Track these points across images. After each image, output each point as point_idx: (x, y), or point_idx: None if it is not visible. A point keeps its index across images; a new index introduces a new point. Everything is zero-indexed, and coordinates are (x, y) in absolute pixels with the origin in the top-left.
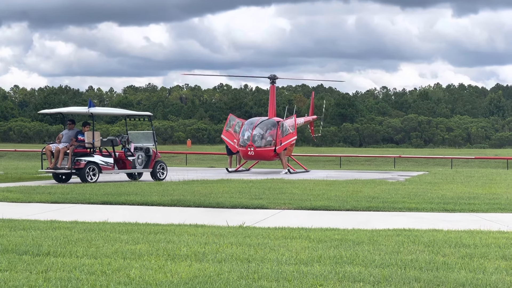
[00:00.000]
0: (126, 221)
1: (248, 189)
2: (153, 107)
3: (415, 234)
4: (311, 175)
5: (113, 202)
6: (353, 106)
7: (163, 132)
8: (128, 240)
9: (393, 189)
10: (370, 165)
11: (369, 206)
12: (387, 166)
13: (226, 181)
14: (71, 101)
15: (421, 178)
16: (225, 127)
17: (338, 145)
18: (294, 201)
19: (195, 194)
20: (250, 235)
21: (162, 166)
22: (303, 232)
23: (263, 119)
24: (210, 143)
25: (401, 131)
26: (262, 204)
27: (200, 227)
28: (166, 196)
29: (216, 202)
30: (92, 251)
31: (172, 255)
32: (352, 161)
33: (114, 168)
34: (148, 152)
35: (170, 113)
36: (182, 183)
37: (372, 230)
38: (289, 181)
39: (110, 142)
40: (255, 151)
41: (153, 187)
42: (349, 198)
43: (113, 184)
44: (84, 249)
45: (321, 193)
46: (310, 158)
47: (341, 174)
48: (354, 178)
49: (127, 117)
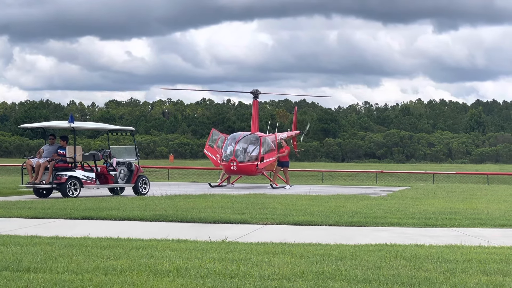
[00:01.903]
0: (107, 237)
1: (231, 204)
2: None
3: (397, 249)
4: (293, 190)
5: (94, 217)
6: (335, 121)
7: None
8: (109, 255)
9: (375, 204)
10: (353, 180)
11: (351, 221)
12: (369, 181)
13: (209, 196)
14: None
15: (403, 193)
16: (207, 142)
17: (321, 160)
18: (277, 216)
19: (177, 209)
20: (233, 250)
21: (144, 180)
22: (286, 247)
23: (246, 134)
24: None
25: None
26: (245, 219)
27: (182, 242)
28: (148, 211)
29: (198, 217)
30: (73, 266)
31: (154, 270)
32: (335, 176)
33: (95, 183)
34: (130, 167)
35: (152, 127)
36: (165, 198)
37: (354, 245)
38: (271, 196)
39: (91, 156)
40: (238, 166)
41: (135, 202)
42: (332, 213)
43: (94, 199)
44: (65, 264)
45: (304, 208)
46: (292, 173)
47: (323, 189)
48: (337, 193)
49: (109, 131)
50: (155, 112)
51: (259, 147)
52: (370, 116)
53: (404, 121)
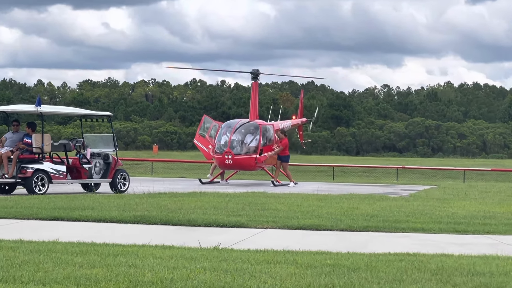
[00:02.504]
0: (80, 241)
1: (225, 204)
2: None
3: (421, 260)
4: (298, 188)
5: (65, 218)
6: (349, 108)
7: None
8: (82, 263)
9: (395, 206)
10: (369, 177)
11: (367, 226)
12: (388, 179)
13: (199, 195)
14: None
15: (428, 193)
16: (198, 131)
17: (331, 153)
18: (279, 219)
19: (162, 209)
20: (227, 259)
21: (123, 175)
22: (289, 256)
23: (244, 121)
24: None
25: (405, 138)
26: (241, 222)
27: (167, 249)
28: (128, 212)
29: (187, 219)
30: (40, 276)
31: (134, 281)
32: (348, 172)
33: (66, 178)
34: (107, 159)
35: (133, 113)
36: (147, 196)
37: (370, 254)
38: (273, 195)
39: (62, 146)
40: (234, 159)
41: (112, 200)
42: (344, 216)
43: (65, 197)
44: (31, 273)
45: (311, 210)
46: (298, 168)
47: (334, 187)
48: (350, 192)
49: (82, 117)
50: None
51: (258, 137)
52: (390, 102)
53: (431, 108)
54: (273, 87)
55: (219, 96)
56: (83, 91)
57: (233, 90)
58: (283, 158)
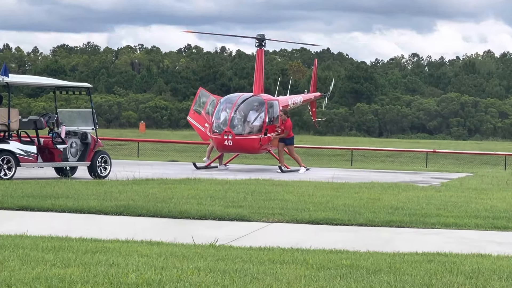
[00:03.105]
0: (52, 235)
1: (224, 193)
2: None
3: (453, 261)
4: (310, 175)
5: (35, 207)
6: (371, 80)
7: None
8: (55, 261)
9: (424, 197)
10: (393, 163)
11: (390, 221)
12: (416, 165)
13: (193, 182)
14: None
15: (463, 183)
16: (193, 106)
17: (350, 134)
18: (287, 211)
19: (149, 198)
20: (225, 258)
21: (104, 158)
22: (299, 255)
23: (247, 96)
24: (171, 128)
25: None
26: (243, 215)
27: (155, 245)
28: (109, 201)
29: (178, 211)
30: (4, 276)
31: (115, 283)
32: (369, 156)
33: (37, 160)
34: (85, 139)
35: (116, 84)
36: (132, 182)
37: (393, 254)
38: (280, 183)
39: (32, 123)
40: (234, 140)
41: (91, 187)
42: (363, 208)
43: (35, 183)
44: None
45: (325, 201)
46: (310, 151)
47: (352, 174)
48: (371, 180)
49: (56, 89)
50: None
51: (264, 115)
52: (420, 74)
53: (467, 82)
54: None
55: (218, 66)
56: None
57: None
58: (286, 141)
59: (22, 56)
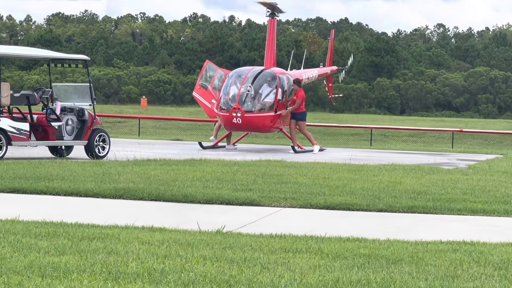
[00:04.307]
0: (46, 220)
1: (232, 175)
2: (90, 47)
3: (481, 250)
4: (326, 156)
5: (27, 190)
6: (392, 53)
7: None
8: (49, 248)
9: (449, 181)
10: (417, 143)
11: (412, 206)
12: (441, 145)
13: (199, 163)
14: None
15: (492, 165)
16: (199, 81)
17: (369, 111)
18: (300, 196)
19: (151, 180)
20: (233, 246)
21: (102, 137)
22: (313, 243)
23: (257, 70)
24: (176, 104)
25: (464, 92)
26: (252, 199)
27: (157, 232)
28: (108, 183)
29: (182, 194)
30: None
31: (114, 273)
32: (390, 135)
33: (30, 139)
34: (82, 116)
35: (116, 56)
36: (132, 163)
37: (416, 242)
38: (293, 164)
39: (25, 99)
40: (244, 117)
41: (88, 168)
42: (383, 192)
43: (28, 163)
44: None
45: (341, 184)
46: (325, 130)
47: (372, 155)
48: (392, 162)
49: (51, 61)
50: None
51: (276, 90)
52: (446, 47)
53: (498, 55)
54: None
55: (227, 36)
56: (53, 27)
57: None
58: (298, 116)
59: (14, 25)
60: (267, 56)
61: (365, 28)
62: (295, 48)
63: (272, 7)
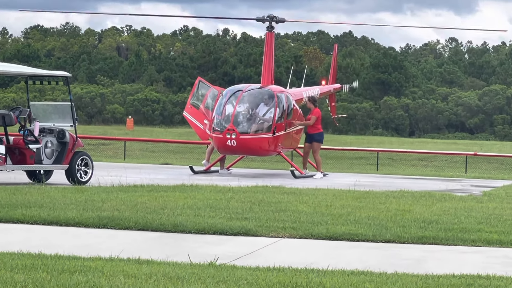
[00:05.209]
0: (23, 251)
1: (226, 202)
2: (72, 63)
3: (497, 285)
4: (328, 182)
5: (2, 218)
6: (400, 70)
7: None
8: (26, 283)
9: (462, 209)
10: (427, 168)
11: (422, 237)
12: (454, 170)
13: (190, 189)
14: None
15: (509, 192)
16: (189, 99)
17: (375, 133)
18: (301, 225)
19: (137, 208)
20: (227, 280)
21: (85, 160)
22: (314, 277)
23: (254, 87)
24: (164, 124)
25: (478, 113)
26: (248, 229)
27: (144, 264)
28: (91, 211)
29: (172, 223)
30: None
31: None
32: (398, 159)
33: (5, 162)
34: (63, 137)
35: (100, 72)
36: (117, 190)
37: (426, 276)
38: (293, 191)
39: (0, 119)
40: (239, 139)
41: (69, 195)
42: (391, 222)
43: (3, 189)
44: None
45: (345, 213)
46: (328, 153)
47: (378, 181)
48: (400, 188)
49: (29, 78)
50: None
51: (274, 110)
52: (459, 63)
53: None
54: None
55: (220, 51)
56: (31, 41)
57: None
58: (315, 137)
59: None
60: (264, 73)
61: (370, 42)
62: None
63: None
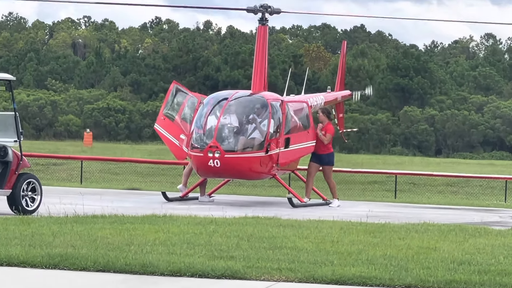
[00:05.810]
0: None
1: (207, 237)
2: (16, 63)
3: None
4: (335, 212)
5: None
6: (424, 73)
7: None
8: None
9: (501, 246)
10: (456, 194)
11: (451, 280)
12: (491, 197)
13: (162, 220)
14: None
15: None
16: (162, 109)
17: (393, 152)
18: (300, 265)
19: (97, 245)
20: None
21: (32, 184)
22: None
23: (242, 95)
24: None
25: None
26: (235, 270)
27: None
28: (39, 248)
29: (140, 263)
30: None
31: None
32: (420, 184)
33: None
34: (4, 156)
35: (51, 75)
36: (72, 221)
37: None
38: (290, 223)
39: None
40: (223, 159)
41: (12, 227)
42: (412, 262)
43: None
44: None
45: (355, 251)
46: (335, 176)
47: (396, 211)
48: (423, 220)
49: None
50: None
51: (267, 122)
52: (497, 65)
53: None
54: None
55: (201, 49)
56: None
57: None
58: (326, 159)
59: None
60: (255, 76)
61: (387, 39)
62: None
63: None
